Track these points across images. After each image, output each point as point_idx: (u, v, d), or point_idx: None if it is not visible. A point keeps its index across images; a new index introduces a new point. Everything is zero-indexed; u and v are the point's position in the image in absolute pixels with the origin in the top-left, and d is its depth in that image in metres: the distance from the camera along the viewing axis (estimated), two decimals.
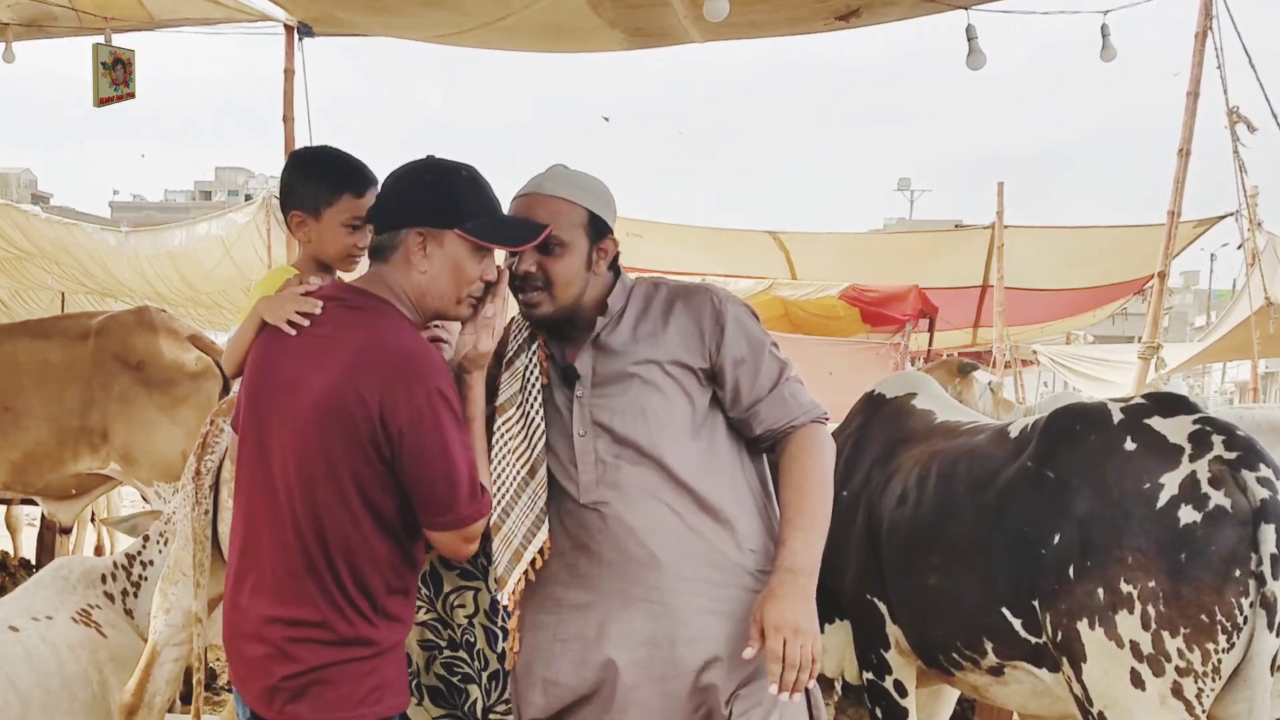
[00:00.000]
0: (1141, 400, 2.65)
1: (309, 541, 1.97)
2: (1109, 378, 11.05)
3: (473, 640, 2.56)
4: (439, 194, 2.04)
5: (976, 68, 5.10)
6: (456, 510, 1.97)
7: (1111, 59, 5.28)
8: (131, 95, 5.63)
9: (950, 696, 3.40)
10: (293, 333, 2.04)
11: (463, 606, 2.57)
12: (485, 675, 2.55)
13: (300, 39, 5.68)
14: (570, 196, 2.18)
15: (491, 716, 2.57)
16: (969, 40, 5.04)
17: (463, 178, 2.07)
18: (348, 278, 2.34)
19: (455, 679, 2.57)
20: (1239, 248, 7.76)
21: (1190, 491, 2.39)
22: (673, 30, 5.00)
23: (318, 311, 2.04)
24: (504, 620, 2.54)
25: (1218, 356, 12.73)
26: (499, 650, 2.55)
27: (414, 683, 2.55)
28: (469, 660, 2.56)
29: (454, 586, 2.57)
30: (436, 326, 2.35)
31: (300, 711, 2.00)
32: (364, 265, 2.36)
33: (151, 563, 3.59)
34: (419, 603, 2.56)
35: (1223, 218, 8.48)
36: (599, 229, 2.20)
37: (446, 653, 2.57)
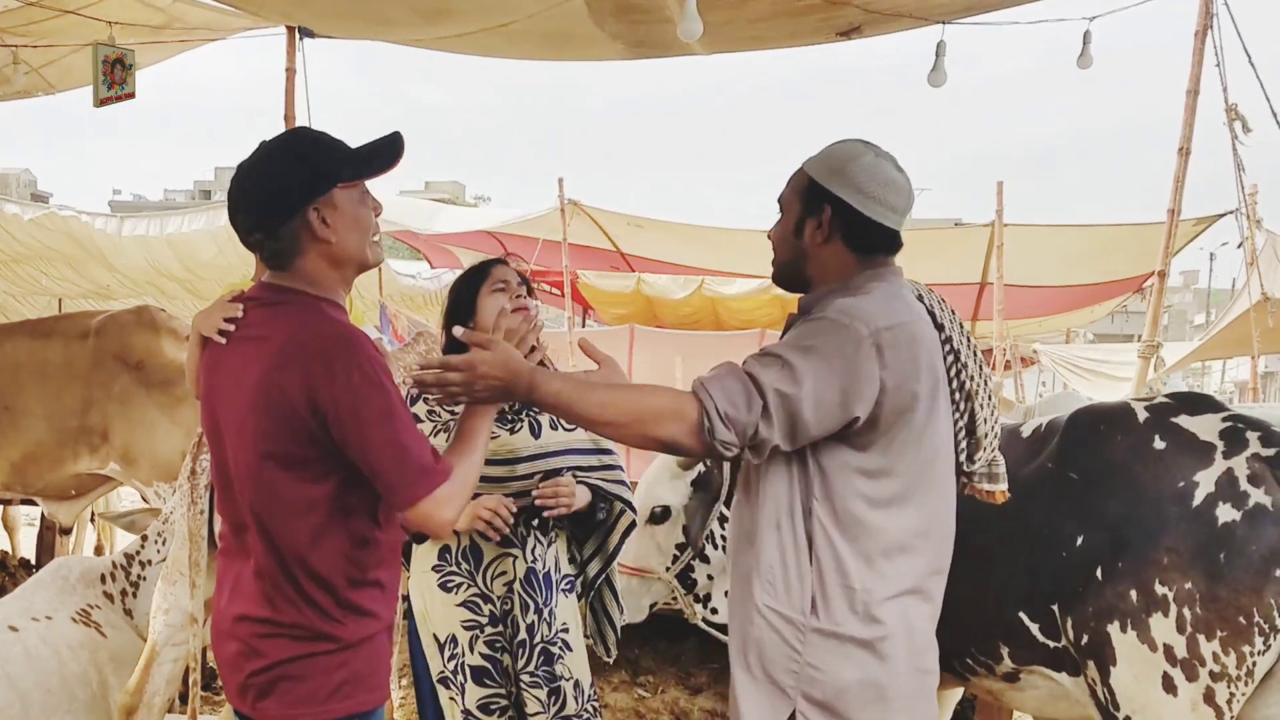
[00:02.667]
0: (1165, 399, 2.60)
1: (262, 541, 1.98)
2: (1108, 378, 11.04)
3: (509, 608, 2.63)
4: (305, 165, 2.00)
5: (938, 85, 5.09)
6: (420, 478, 1.90)
7: (1088, 66, 5.26)
8: (131, 95, 5.63)
9: (951, 698, 3.38)
10: (223, 341, 2.06)
11: (504, 574, 2.65)
12: (514, 641, 2.63)
13: (301, 39, 5.68)
14: (805, 163, 2.11)
15: (523, 677, 2.63)
16: (936, 57, 5.02)
17: (306, 141, 2.04)
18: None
19: (499, 654, 2.64)
20: (1239, 246, 7.76)
21: (1228, 489, 2.34)
22: (674, 43, 5.00)
23: (239, 315, 2.05)
24: (542, 591, 2.65)
25: (1216, 353, 12.72)
26: (529, 621, 2.63)
27: (459, 664, 2.63)
28: (508, 633, 2.64)
29: (494, 555, 2.65)
30: (522, 298, 2.56)
31: (270, 707, 2.00)
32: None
33: (150, 562, 3.59)
34: (459, 579, 2.64)
35: (1222, 216, 8.47)
36: (815, 196, 2.07)
37: (489, 629, 2.64)
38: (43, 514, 5.77)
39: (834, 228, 2.06)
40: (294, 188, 1.98)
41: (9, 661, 3.16)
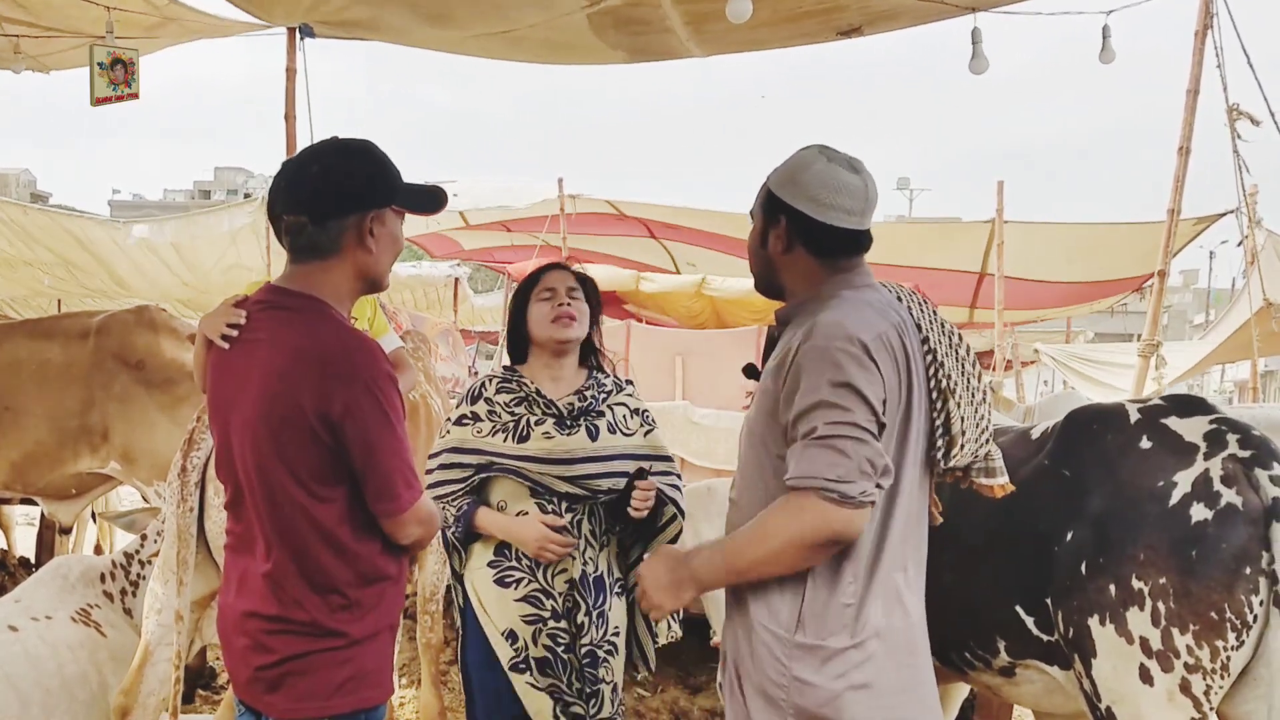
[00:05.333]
0: (1160, 401, 2.66)
1: (273, 539, 2.02)
2: (1109, 380, 11.04)
3: (570, 608, 2.68)
4: (374, 174, 2.07)
5: (979, 72, 5.03)
6: (397, 497, 2.01)
7: (1110, 61, 5.25)
8: (134, 96, 5.61)
9: (958, 694, 3.39)
10: (225, 345, 2.09)
11: (564, 572, 2.69)
12: (575, 641, 2.68)
13: (302, 39, 5.67)
14: (767, 176, 2.19)
15: (588, 674, 2.69)
16: (974, 44, 4.97)
17: (379, 154, 2.10)
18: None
19: (560, 649, 2.68)
20: (1239, 245, 7.75)
21: (1202, 489, 2.40)
22: (674, 49, 5.03)
23: (242, 321, 2.08)
24: (593, 594, 2.70)
25: (1219, 359, 12.71)
26: (579, 622, 2.68)
27: (523, 656, 2.68)
28: (568, 629, 2.68)
29: None
30: (564, 306, 2.72)
31: (276, 701, 2.04)
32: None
33: (149, 561, 3.59)
34: (519, 574, 2.69)
35: (1222, 215, 8.47)
36: (773, 207, 2.15)
37: (550, 624, 2.68)
38: (43, 513, 5.77)
39: (792, 236, 2.13)
40: (362, 188, 2.04)
41: (8, 661, 3.16)
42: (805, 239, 2.12)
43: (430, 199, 2.16)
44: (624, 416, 2.82)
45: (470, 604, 2.78)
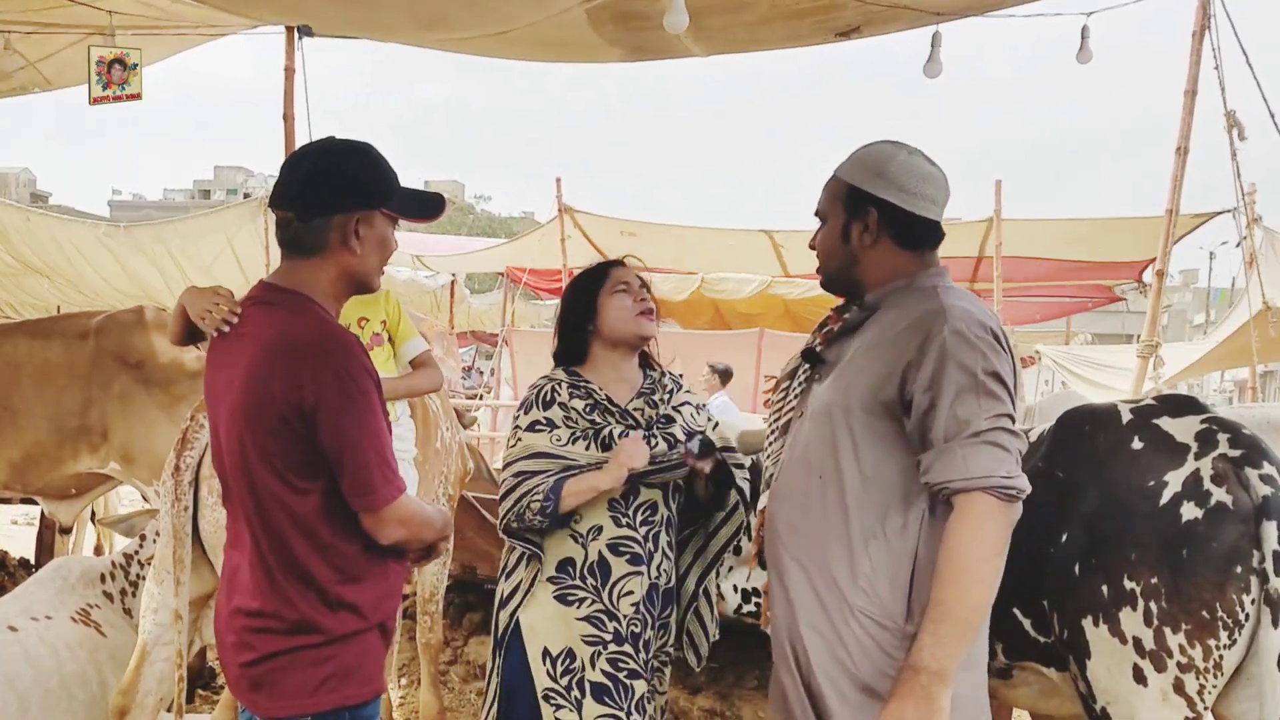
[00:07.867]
0: (1152, 401, 2.67)
1: (257, 534, 2.02)
2: (1108, 382, 11.04)
3: (639, 630, 2.57)
4: (364, 176, 2.06)
5: (933, 76, 5.09)
6: (373, 492, 1.98)
7: (1088, 61, 5.26)
8: (135, 97, 5.61)
9: None
10: (214, 334, 2.11)
11: (630, 594, 2.57)
12: (641, 662, 2.59)
13: (300, 38, 5.69)
14: (838, 171, 2.19)
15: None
16: (932, 48, 5.02)
17: (375, 157, 2.10)
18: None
19: (622, 675, 2.56)
20: (1237, 245, 7.76)
21: (1193, 488, 2.41)
22: (673, 47, 5.04)
23: (235, 319, 2.09)
24: (658, 606, 2.62)
25: (1218, 364, 12.70)
26: (646, 638, 2.58)
27: (575, 679, 2.55)
28: (634, 654, 2.56)
29: (624, 573, 2.58)
30: (645, 301, 2.67)
31: (259, 700, 2.04)
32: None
33: (148, 562, 3.59)
34: (582, 594, 2.57)
35: (1219, 214, 8.48)
36: (857, 201, 2.13)
37: (612, 647, 2.56)
38: (42, 513, 5.77)
39: (881, 228, 2.13)
40: (350, 189, 2.04)
41: (8, 661, 3.16)
42: (894, 230, 2.12)
43: (427, 205, 2.15)
44: (691, 416, 2.75)
45: (521, 624, 2.61)
